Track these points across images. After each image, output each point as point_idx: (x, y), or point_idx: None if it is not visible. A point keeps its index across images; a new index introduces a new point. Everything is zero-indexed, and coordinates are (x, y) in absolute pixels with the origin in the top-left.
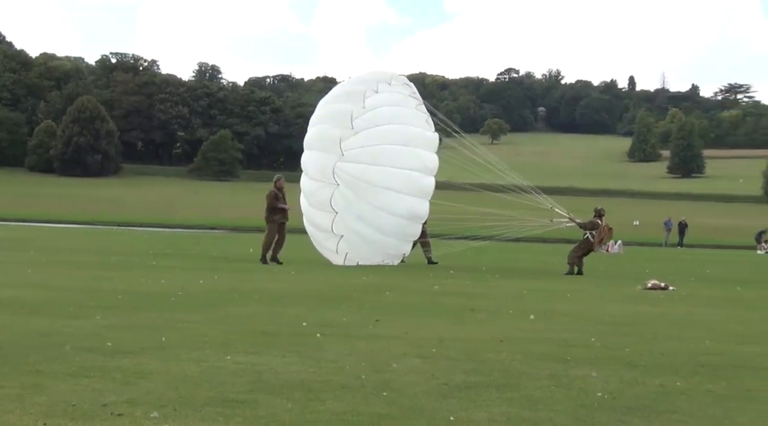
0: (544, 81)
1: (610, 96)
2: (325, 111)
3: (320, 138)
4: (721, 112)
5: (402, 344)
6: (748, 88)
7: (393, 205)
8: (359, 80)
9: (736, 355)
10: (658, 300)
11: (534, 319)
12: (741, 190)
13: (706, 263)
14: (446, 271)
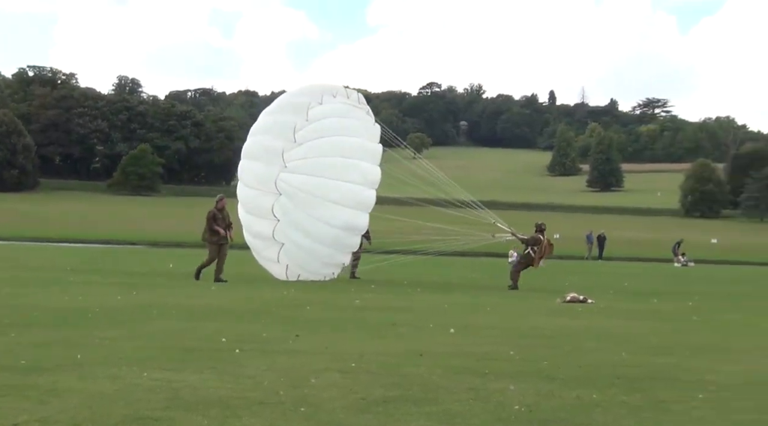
0: (465, 95)
1: (531, 110)
2: (268, 122)
3: (262, 148)
4: (639, 126)
5: (322, 359)
6: (666, 102)
7: (331, 216)
8: (304, 91)
9: (652, 367)
10: (577, 313)
11: (454, 332)
12: (659, 204)
13: (624, 276)
14: (368, 286)
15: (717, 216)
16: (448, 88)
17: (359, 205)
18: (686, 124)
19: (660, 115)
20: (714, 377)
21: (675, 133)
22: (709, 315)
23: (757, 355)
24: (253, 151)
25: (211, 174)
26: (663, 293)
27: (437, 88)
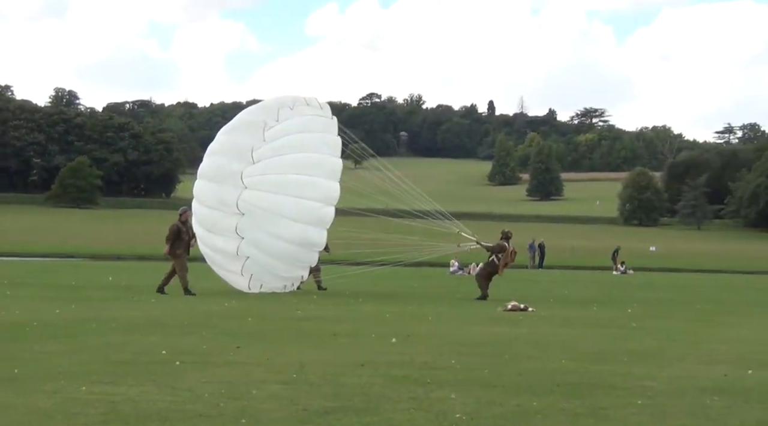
0: (405, 106)
1: (471, 120)
2: (225, 143)
3: (219, 171)
4: (578, 136)
5: (262, 370)
6: (603, 112)
7: (288, 232)
8: (260, 108)
9: (591, 374)
10: (518, 321)
11: (396, 342)
12: (597, 212)
13: (564, 284)
14: (309, 296)
15: (655, 224)
16: (388, 98)
17: (317, 221)
18: (623, 133)
19: (598, 124)
20: (652, 383)
21: (613, 142)
22: (648, 322)
23: (692, 361)
24: (210, 173)
25: (150, 186)
26: (602, 301)
27: (377, 98)
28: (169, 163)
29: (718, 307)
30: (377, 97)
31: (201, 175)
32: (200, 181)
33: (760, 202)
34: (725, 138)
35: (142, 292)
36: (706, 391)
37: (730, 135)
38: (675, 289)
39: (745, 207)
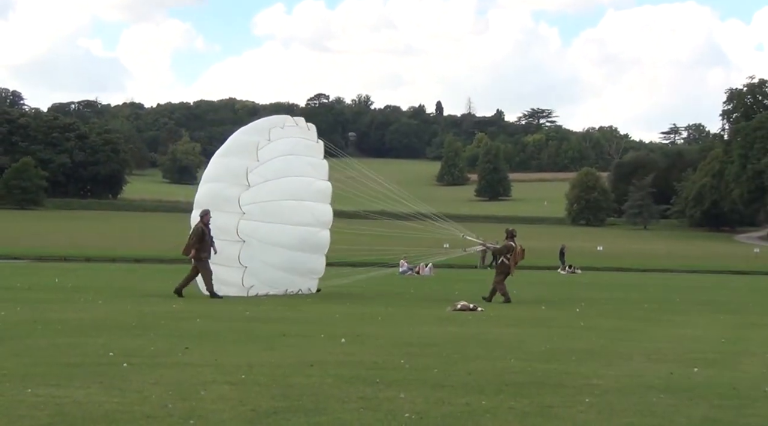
0: (353, 106)
1: (419, 121)
2: (220, 166)
3: (216, 198)
4: (525, 136)
5: (211, 371)
6: (550, 112)
7: (285, 262)
8: (253, 129)
9: (539, 373)
10: (467, 321)
11: (345, 342)
12: (545, 212)
13: (512, 284)
14: (257, 298)
15: (602, 224)
16: (336, 99)
17: (313, 248)
18: (570, 134)
19: (545, 125)
20: (599, 382)
21: (560, 143)
22: (595, 321)
23: (639, 360)
24: (206, 201)
25: (96, 187)
26: (551, 300)
27: (325, 99)
28: (116, 163)
29: (664, 306)
30: (325, 97)
31: (198, 204)
32: (197, 210)
33: (705, 202)
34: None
35: (89, 293)
36: (653, 389)
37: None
38: (622, 288)
39: (690, 207)
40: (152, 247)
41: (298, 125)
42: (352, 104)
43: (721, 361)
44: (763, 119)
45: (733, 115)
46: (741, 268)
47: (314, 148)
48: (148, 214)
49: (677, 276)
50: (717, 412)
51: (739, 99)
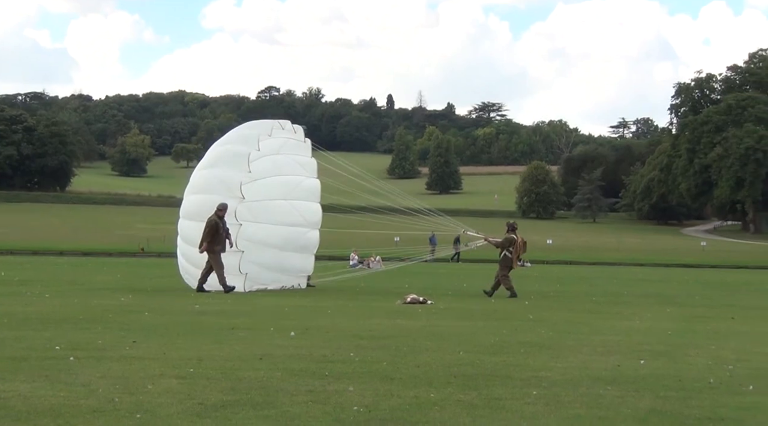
0: (304, 99)
1: (370, 114)
2: (210, 178)
3: (206, 209)
4: (476, 130)
5: (159, 365)
6: (501, 106)
7: (274, 262)
8: (241, 140)
9: (487, 366)
10: (417, 314)
11: (294, 335)
12: (496, 206)
13: (463, 277)
14: (207, 292)
15: (552, 217)
16: (287, 92)
17: (303, 248)
18: (521, 127)
19: (495, 119)
20: (547, 374)
21: (510, 136)
22: (544, 314)
23: (586, 352)
24: (195, 211)
25: (44, 180)
26: (500, 294)
27: (276, 92)
28: (64, 156)
29: (612, 298)
30: (276, 90)
31: (186, 215)
32: (185, 221)
33: (653, 195)
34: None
35: (36, 287)
36: (600, 381)
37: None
38: (571, 281)
39: (638, 200)
40: (100, 240)
41: (284, 129)
42: (302, 97)
43: (667, 354)
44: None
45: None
46: (688, 261)
47: (302, 147)
48: (96, 206)
49: (625, 269)
50: (663, 404)
51: (686, 93)
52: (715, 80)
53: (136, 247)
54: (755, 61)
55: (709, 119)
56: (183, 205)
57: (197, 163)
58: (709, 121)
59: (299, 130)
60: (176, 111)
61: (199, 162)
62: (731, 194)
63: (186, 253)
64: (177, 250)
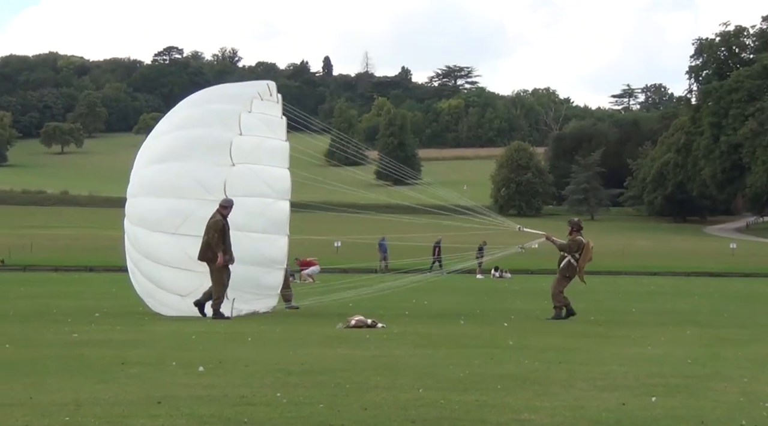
0: (215, 63)
1: (301, 82)
2: (186, 141)
3: (189, 183)
4: (439, 101)
5: (23, 413)
6: (470, 71)
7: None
8: (229, 98)
9: (455, 407)
10: (363, 340)
11: (204, 371)
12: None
13: (422, 292)
14: (90, 315)
15: (538, 213)
16: (193, 54)
17: (267, 262)
18: (497, 98)
19: (464, 87)
20: (531, 416)
21: (483, 110)
22: (528, 339)
23: (582, 387)
24: (168, 184)
25: None
26: (471, 313)
27: (178, 54)
28: None
29: (616, 317)
30: (178, 52)
31: (153, 191)
32: (149, 198)
33: (667, 184)
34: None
35: None
36: (600, 425)
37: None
38: None
39: (649, 191)
40: None
41: (271, 94)
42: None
43: (686, 388)
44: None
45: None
46: (713, 268)
47: (276, 125)
48: None
49: (633, 279)
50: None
51: (710, 52)
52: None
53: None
54: None
55: (740, 85)
56: (141, 177)
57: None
58: (739, 86)
59: (279, 99)
60: (46, 79)
61: (157, 128)
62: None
63: (152, 254)
64: (129, 256)
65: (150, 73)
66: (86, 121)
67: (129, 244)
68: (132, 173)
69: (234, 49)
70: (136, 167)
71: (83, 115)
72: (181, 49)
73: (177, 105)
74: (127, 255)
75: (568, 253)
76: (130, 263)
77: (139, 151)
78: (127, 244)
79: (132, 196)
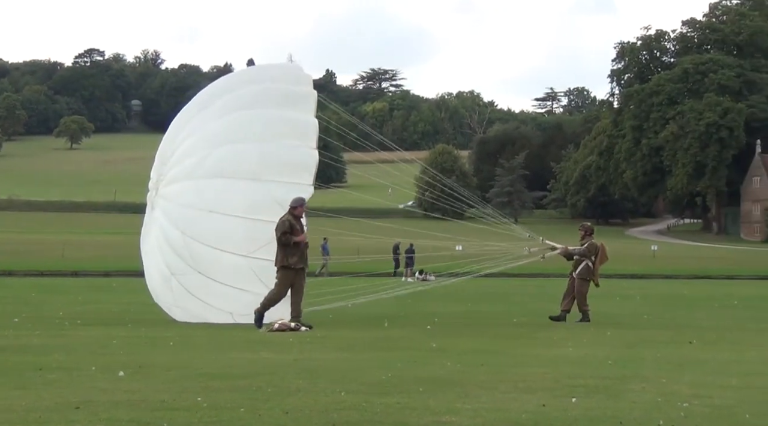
0: (138, 66)
1: None
2: (256, 120)
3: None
4: (363, 104)
5: None
6: (395, 74)
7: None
8: (282, 75)
9: (377, 409)
10: (287, 344)
11: (124, 375)
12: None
13: (348, 295)
14: (8, 321)
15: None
16: (114, 56)
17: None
18: (421, 101)
19: (389, 90)
20: (452, 419)
21: (408, 112)
22: (450, 341)
23: (503, 389)
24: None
25: None
26: (395, 316)
27: (99, 56)
28: None
29: (538, 319)
30: (99, 54)
31: (212, 207)
32: (213, 215)
33: (590, 187)
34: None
35: None
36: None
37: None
38: (486, 298)
39: (572, 194)
40: None
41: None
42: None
43: (605, 389)
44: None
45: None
46: (635, 270)
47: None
48: None
49: (555, 281)
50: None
51: (631, 56)
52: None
53: None
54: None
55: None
56: (199, 191)
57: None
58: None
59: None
60: None
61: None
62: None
63: (212, 271)
64: (168, 265)
65: (71, 76)
66: (5, 124)
67: (172, 254)
68: (172, 174)
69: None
70: (184, 173)
71: (2, 117)
72: (103, 51)
73: (218, 93)
74: (163, 262)
75: (587, 258)
76: (164, 269)
77: (178, 147)
78: (164, 252)
79: (186, 206)
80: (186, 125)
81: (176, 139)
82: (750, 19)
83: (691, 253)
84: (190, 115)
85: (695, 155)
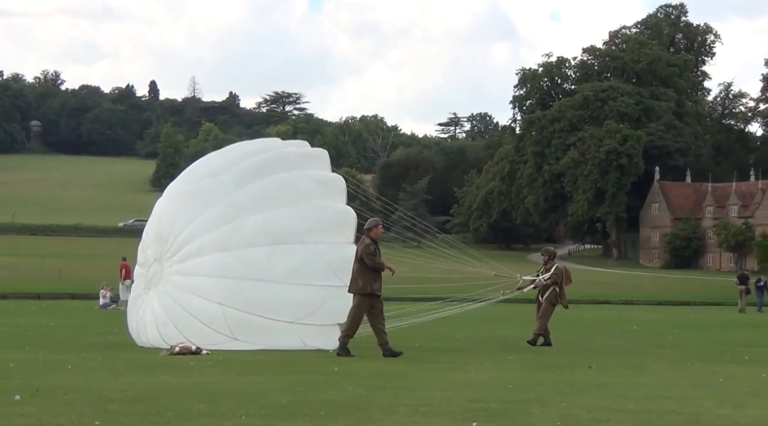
0: (37, 86)
1: (127, 106)
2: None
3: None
4: (267, 127)
5: None
6: (299, 97)
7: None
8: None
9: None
10: (187, 368)
11: (20, 399)
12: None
13: None
14: None
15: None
16: (13, 76)
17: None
18: (324, 124)
19: (292, 113)
20: None
21: (312, 136)
22: (353, 365)
23: (404, 413)
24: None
25: None
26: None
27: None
28: None
29: (441, 343)
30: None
31: (258, 275)
32: (258, 283)
33: (492, 212)
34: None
35: None
36: None
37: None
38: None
39: (474, 218)
40: None
41: None
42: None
43: (506, 413)
44: (562, 108)
45: (525, 102)
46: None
47: None
48: None
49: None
50: None
51: (532, 82)
52: (568, 66)
53: None
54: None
55: (562, 115)
56: (239, 257)
57: None
58: (561, 117)
59: None
60: None
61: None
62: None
63: (250, 336)
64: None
65: None
66: None
67: (200, 326)
68: (188, 249)
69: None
70: (215, 246)
71: None
72: (1, 71)
73: (218, 169)
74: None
75: (555, 284)
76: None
77: (189, 223)
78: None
79: (226, 277)
80: (190, 204)
81: (179, 217)
82: (649, 47)
83: (592, 278)
84: (192, 194)
85: (595, 181)
